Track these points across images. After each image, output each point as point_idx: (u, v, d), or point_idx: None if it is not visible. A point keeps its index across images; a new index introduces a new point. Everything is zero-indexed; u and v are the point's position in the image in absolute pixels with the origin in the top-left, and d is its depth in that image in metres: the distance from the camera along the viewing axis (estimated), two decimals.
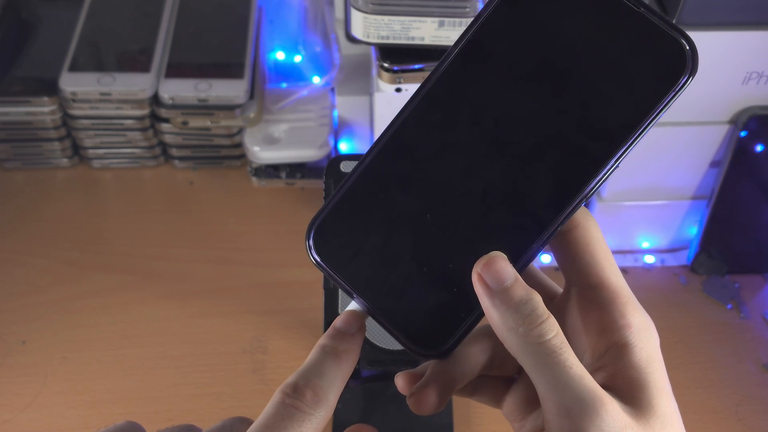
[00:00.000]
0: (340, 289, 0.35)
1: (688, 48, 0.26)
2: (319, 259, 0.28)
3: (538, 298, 0.26)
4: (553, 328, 0.25)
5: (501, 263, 0.26)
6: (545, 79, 0.26)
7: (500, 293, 0.25)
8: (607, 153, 0.26)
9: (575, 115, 0.26)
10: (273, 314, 0.61)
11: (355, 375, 0.42)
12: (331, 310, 0.42)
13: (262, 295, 0.63)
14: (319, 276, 0.42)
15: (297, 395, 0.25)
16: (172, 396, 0.56)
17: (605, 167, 0.26)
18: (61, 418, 0.54)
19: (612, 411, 0.25)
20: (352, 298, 0.28)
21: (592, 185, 0.26)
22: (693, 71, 0.25)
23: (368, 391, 0.55)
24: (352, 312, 0.28)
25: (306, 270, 0.63)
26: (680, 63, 0.26)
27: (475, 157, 0.27)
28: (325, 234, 0.28)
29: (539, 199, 0.27)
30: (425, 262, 0.28)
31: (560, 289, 0.31)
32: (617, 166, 0.26)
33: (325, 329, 0.42)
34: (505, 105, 0.27)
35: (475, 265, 0.26)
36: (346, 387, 0.33)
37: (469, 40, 0.27)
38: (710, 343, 0.61)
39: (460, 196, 0.27)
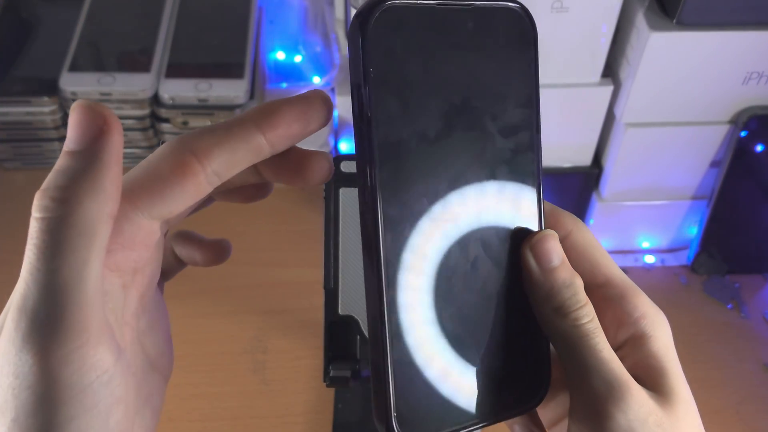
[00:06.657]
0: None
1: (517, 7, 0.26)
2: None
3: (580, 283, 0.26)
4: (589, 314, 0.26)
5: (551, 242, 0.26)
6: (450, 99, 0.26)
7: (547, 272, 0.26)
8: (528, 134, 0.27)
9: (494, 110, 0.26)
10: (273, 314, 0.61)
11: (355, 375, 0.42)
12: (331, 310, 0.42)
13: (262, 295, 0.63)
14: (319, 276, 0.42)
15: None
16: (172, 396, 0.56)
17: (535, 139, 0.27)
18: None
19: (638, 397, 0.25)
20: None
21: (537, 154, 0.27)
22: (533, 24, 0.27)
23: (368, 391, 0.55)
24: None
25: (306, 270, 0.63)
26: (523, 24, 0.27)
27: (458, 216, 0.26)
28: (405, 417, 0.27)
29: (513, 185, 0.27)
30: (487, 344, 0.27)
31: None
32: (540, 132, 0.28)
33: (326, 329, 0.42)
34: (437, 150, 0.26)
35: (526, 240, 0.27)
36: (346, 387, 0.32)
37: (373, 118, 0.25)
38: (711, 343, 0.61)
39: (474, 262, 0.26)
